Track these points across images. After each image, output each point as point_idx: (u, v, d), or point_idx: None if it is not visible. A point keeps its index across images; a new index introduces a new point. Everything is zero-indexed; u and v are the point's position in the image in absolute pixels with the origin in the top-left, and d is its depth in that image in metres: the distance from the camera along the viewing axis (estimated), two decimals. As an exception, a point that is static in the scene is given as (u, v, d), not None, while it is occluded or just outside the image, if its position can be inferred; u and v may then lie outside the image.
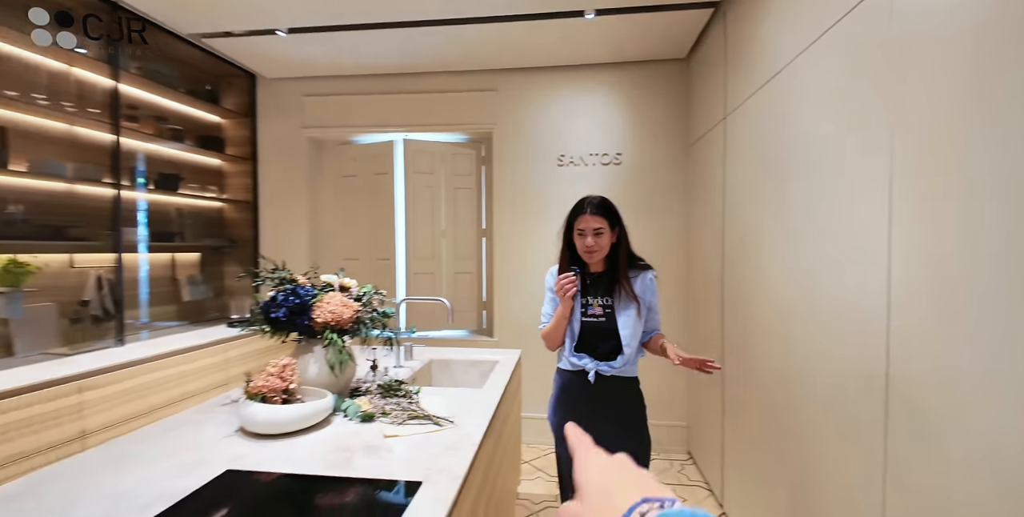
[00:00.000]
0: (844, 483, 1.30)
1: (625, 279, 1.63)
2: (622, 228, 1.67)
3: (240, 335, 2.77)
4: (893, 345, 1.11)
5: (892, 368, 1.11)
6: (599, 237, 1.61)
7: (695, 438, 2.97)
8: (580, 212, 1.63)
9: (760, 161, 1.90)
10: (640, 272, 1.68)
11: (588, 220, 1.61)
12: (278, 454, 1.21)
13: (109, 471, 1.11)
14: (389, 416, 1.45)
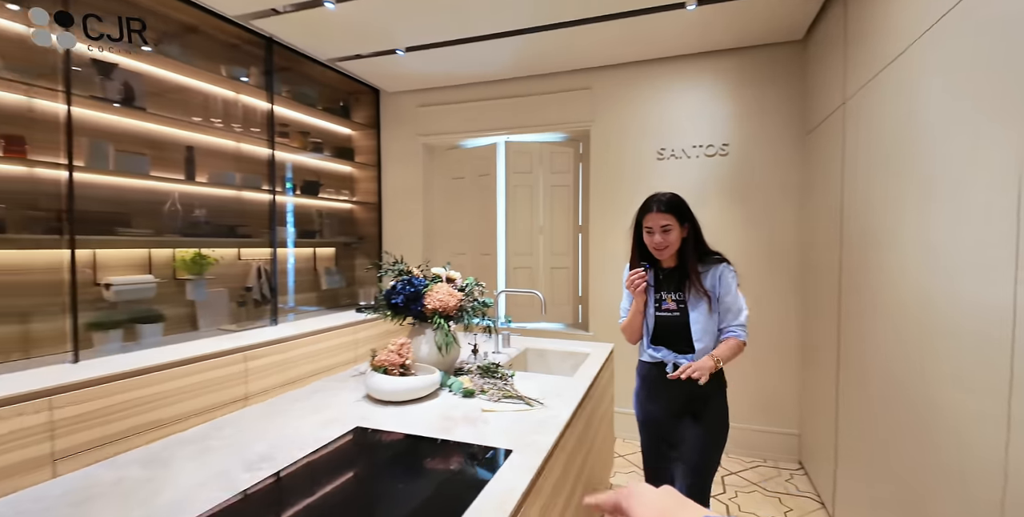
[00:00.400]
0: (964, 495, 1.22)
1: (694, 274, 1.65)
2: (692, 223, 1.68)
3: (366, 319, 3.18)
4: (1019, 357, 1.02)
5: (1018, 378, 1.03)
6: (667, 234, 1.63)
7: (807, 447, 2.83)
8: (647, 210, 1.66)
9: (881, 150, 1.77)
10: (712, 266, 1.67)
11: (655, 218, 1.64)
12: (395, 417, 1.45)
13: (269, 422, 1.42)
14: (487, 394, 1.65)
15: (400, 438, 1.32)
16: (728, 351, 1.63)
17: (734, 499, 2.54)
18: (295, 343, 2.67)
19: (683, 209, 1.66)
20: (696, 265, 1.66)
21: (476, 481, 1.07)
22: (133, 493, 1.00)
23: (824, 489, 2.46)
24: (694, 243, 1.68)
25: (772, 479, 2.78)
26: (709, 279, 1.66)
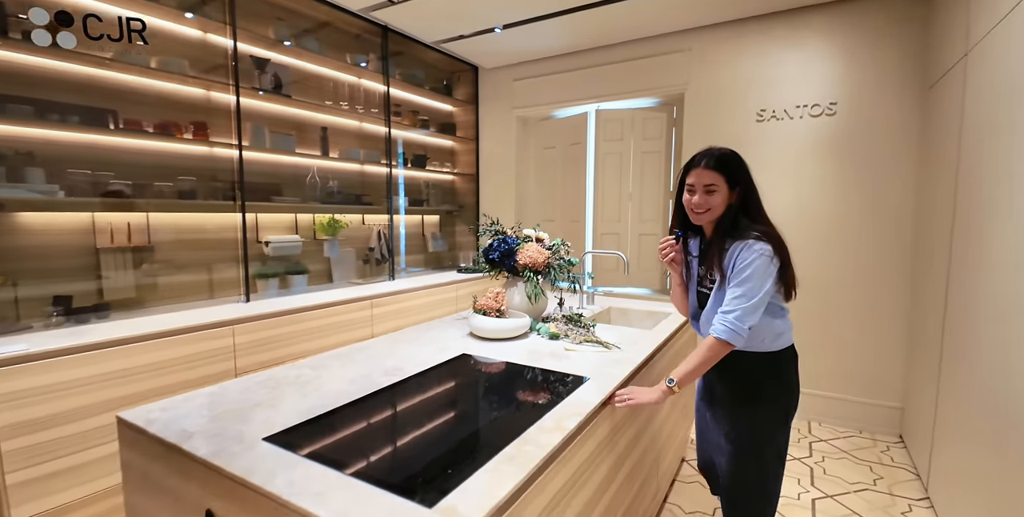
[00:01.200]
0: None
1: (717, 248, 1.41)
2: (746, 188, 1.40)
3: (466, 278, 3.57)
4: None
5: None
6: (710, 195, 1.39)
7: (909, 420, 2.77)
8: (693, 164, 1.42)
9: (1003, 105, 1.64)
10: (739, 242, 1.37)
11: (700, 174, 1.40)
12: (492, 350, 1.76)
13: (394, 347, 1.79)
14: (569, 338, 1.91)
15: (496, 363, 1.63)
16: (696, 360, 1.36)
17: (820, 463, 2.60)
18: (408, 295, 3.10)
19: (737, 169, 1.40)
20: (724, 239, 1.40)
21: (557, 396, 1.33)
22: (307, 384, 1.39)
23: (921, 463, 2.43)
24: (737, 212, 1.41)
25: (866, 449, 2.77)
26: (728, 257, 1.38)
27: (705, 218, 1.43)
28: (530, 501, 0.95)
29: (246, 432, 1.08)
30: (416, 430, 1.17)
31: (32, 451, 1.73)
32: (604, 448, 1.35)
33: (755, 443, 1.45)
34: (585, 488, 1.23)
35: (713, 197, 1.39)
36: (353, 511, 0.79)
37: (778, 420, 1.46)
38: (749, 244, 1.34)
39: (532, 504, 0.96)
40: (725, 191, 1.40)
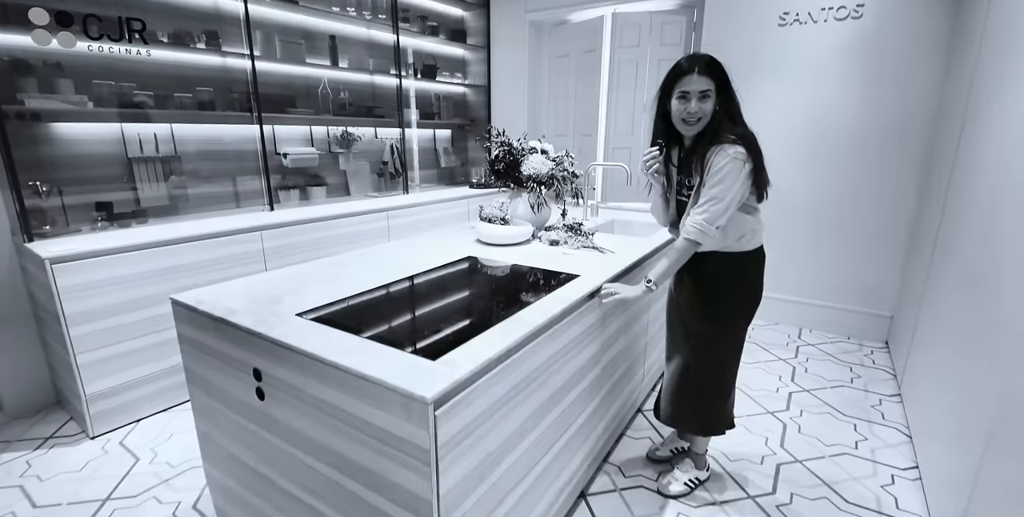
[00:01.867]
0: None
1: (698, 155, 1.43)
2: (728, 94, 1.43)
3: (478, 193, 3.69)
4: None
5: None
6: (703, 102, 1.40)
7: (895, 327, 2.94)
8: (684, 71, 1.41)
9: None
10: (715, 147, 1.40)
11: (694, 81, 1.39)
12: (496, 254, 1.92)
13: (406, 251, 1.96)
14: (569, 244, 2.06)
15: (497, 262, 1.80)
16: (668, 262, 1.46)
17: (803, 363, 2.82)
18: (422, 208, 3.25)
19: (723, 75, 1.42)
20: (707, 145, 1.42)
21: (549, 289, 1.50)
22: (329, 277, 1.59)
23: (899, 365, 2.62)
24: (722, 119, 1.42)
25: (851, 352, 2.97)
26: (706, 161, 1.42)
27: (698, 127, 1.44)
28: (521, 362, 1.15)
29: (280, 310, 1.28)
30: (424, 309, 1.36)
31: (98, 336, 2.01)
32: (592, 332, 1.55)
33: (718, 338, 1.60)
34: (573, 362, 1.44)
35: (706, 103, 1.41)
36: (372, 363, 0.99)
37: (741, 317, 1.60)
38: (724, 148, 1.38)
39: (523, 365, 1.16)
40: (715, 97, 1.41)
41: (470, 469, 1.03)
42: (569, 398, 1.46)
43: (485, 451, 1.07)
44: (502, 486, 1.17)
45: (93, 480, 1.82)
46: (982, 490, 1.28)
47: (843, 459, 1.98)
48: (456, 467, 0.98)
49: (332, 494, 1.11)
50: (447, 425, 0.93)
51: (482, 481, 1.09)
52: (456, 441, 0.97)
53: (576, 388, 1.50)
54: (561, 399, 1.41)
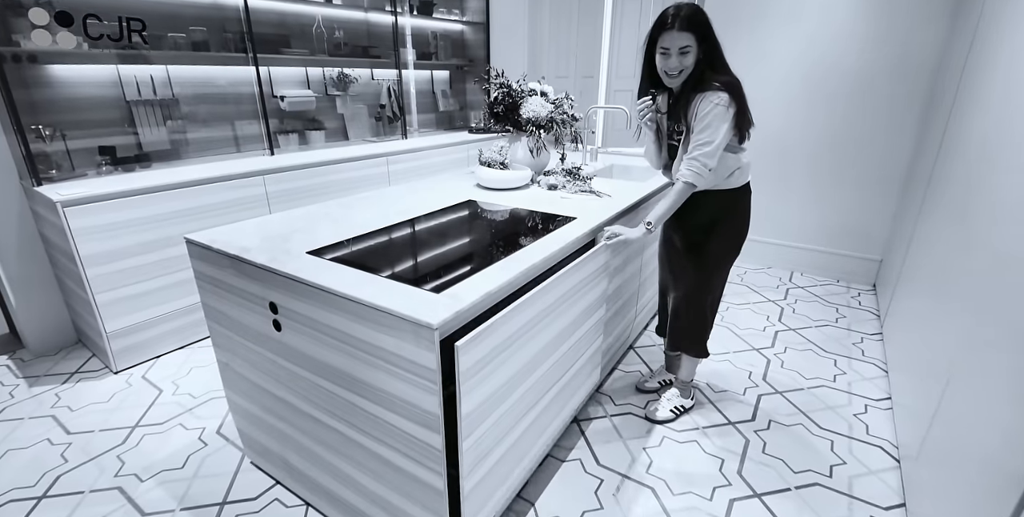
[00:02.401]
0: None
1: (684, 103, 1.50)
2: (710, 44, 1.46)
3: (478, 138, 3.66)
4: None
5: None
6: (684, 56, 1.44)
7: (883, 271, 3.01)
8: (664, 27, 1.43)
9: None
10: (700, 95, 1.47)
11: (673, 38, 1.42)
12: (495, 198, 1.97)
13: (407, 194, 2.00)
14: (567, 189, 2.10)
15: (497, 206, 1.85)
16: (666, 205, 1.54)
17: (792, 304, 2.93)
18: (421, 154, 3.25)
19: (704, 26, 1.44)
20: (691, 93, 1.49)
21: (546, 230, 1.56)
22: (337, 218, 1.64)
23: (883, 306, 2.73)
24: (705, 67, 1.47)
25: (839, 295, 3.08)
26: (691, 109, 1.49)
27: (679, 80, 1.50)
28: (532, 303, 1.21)
29: (291, 248, 1.35)
30: (427, 248, 1.43)
31: (114, 277, 2.09)
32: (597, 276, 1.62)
33: (709, 268, 1.72)
34: (580, 302, 1.52)
35: (687, 58, 1.46)
36: (382, 295, 1.07)
37: (733, 247, 1.72)
38: (707, 96, 1.46)
39: (534, 305, 1.23)
40: (696, 50, 1.45)
41: (487, 394, 1.15)
42: (576, 335, 1.56)
43: (497, 381, 1.18)
44: (514, 412, 1.30)
45: (120, 410, 1.96)
46: (940, 417, 1.41)
47: (821, 391, 2.13)
48: (476, 392, 1.10)
49: (348, 413, 1.22)
50: (466, 355, 1.03)
51: (497, 406, 1.21)
52: (477, 369, 1.08)
53: (584, 325, 1.61)
54: (569, 336, 1.51)
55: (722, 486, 1.62)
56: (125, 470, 1.66)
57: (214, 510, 1.51)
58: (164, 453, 1.74)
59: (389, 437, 1.15)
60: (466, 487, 1.14)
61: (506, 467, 1.35)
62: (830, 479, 1.65)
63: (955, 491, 1.18)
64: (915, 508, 1.46)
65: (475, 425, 1.13)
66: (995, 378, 1.08)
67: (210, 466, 1.68)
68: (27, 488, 1.58)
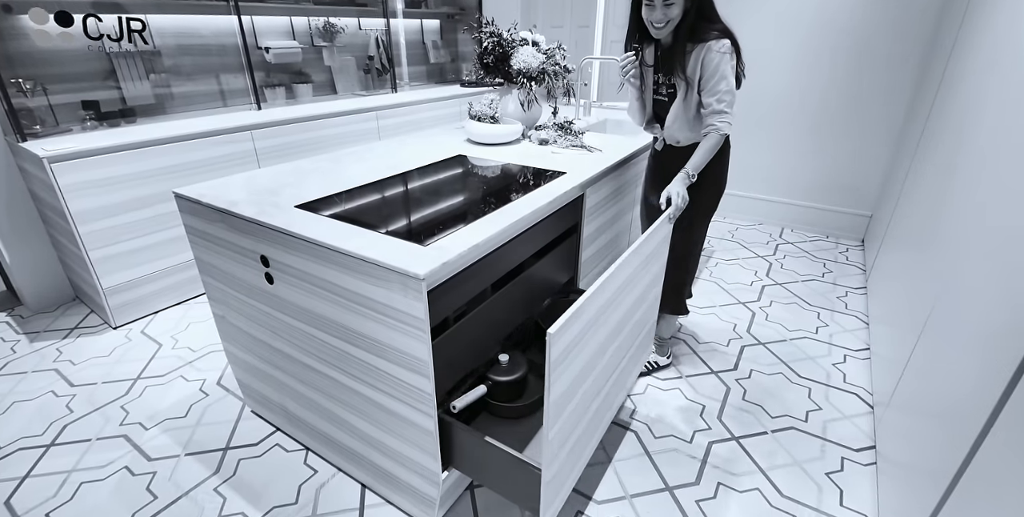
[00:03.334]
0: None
1: (679, 55, 1.47)
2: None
3: (470, 92, 3.58)
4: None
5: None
6: (669, 7, 1.41)
7: (872, 226, 3.04)
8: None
9: None
10: (700, 45, 1.44)
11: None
12: (485, 153, 1.95)
13: (398, 149, 1.98)
14: (558, 144, 2.08)
15: (486, 161, 1.84)
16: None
17: (780, 259, 2.97)
18: (412, 108, 3.18)
19: None
20: (684, 45, 1.46)
21: (536, 185, 1.56)
22: (326, 172, 1.64)
23: (870, 261, 2.77)
24: (695, 18, 1.43)
25: (827, 250, 3.12)
26: (692, 60, 1.47)
27: (665, 31, 1.46)
28: (611, 282, 1.18)
29: (279, 202, 1.35)
30: (416, 203, 1.44)
31: (106, 233, 2.09)
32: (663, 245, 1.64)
33: (688, 224, 1.71)
34: (644, 279, 1.52)
35: (672, 9, 1.42)
36: (371, 247, 1.08)
37: (710, 204, 1.72)
38: (710, 46, 1.43)
39: (613, 284, 1.14)
40: (682, 1, 1.41)
41: (568, 381, 1.03)
42: (640, 311, 1.58)
43: (577, 366, 1.07)
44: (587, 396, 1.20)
45: (122, 363, 2.01)
46: (913, 366, 1.47)
47: (803, 342, 2.20)
48: (562, 379, 0.99)
49: (342, 362, 1.26)
50: (556, 344, 0.90)
51: (576, 392, 1.10)
52: (563, 356, 0.96)
53: (645, 300, 1.63)
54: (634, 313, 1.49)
55: (702, 430, 1.70)
56: (130, 419, 1.73)
57: (218, 455, 1.58)
58: (167, 403, 1.80)
59: (382, 382, 1.20)
60: (547, 476, 1.03)
61: (577, 451, 1.22)
62: (805, 423, 1.74)
63: (921, 434, 1.26)
64: (884, 449, 1.55)
65: (559, 413, 1.01)
66: (966, 329, 1.13)
67: (212, 415, 1.75)
68: (35, 437, 1.64)
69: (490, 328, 1.38)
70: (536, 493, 1.06)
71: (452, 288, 1.12)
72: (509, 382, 1.38)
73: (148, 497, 1.44)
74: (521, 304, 1.51)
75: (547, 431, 0.98)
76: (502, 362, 1.42)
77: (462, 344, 1.25)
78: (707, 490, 1.48)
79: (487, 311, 1.32)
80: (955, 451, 0.99)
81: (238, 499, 1.44)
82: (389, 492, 1.42)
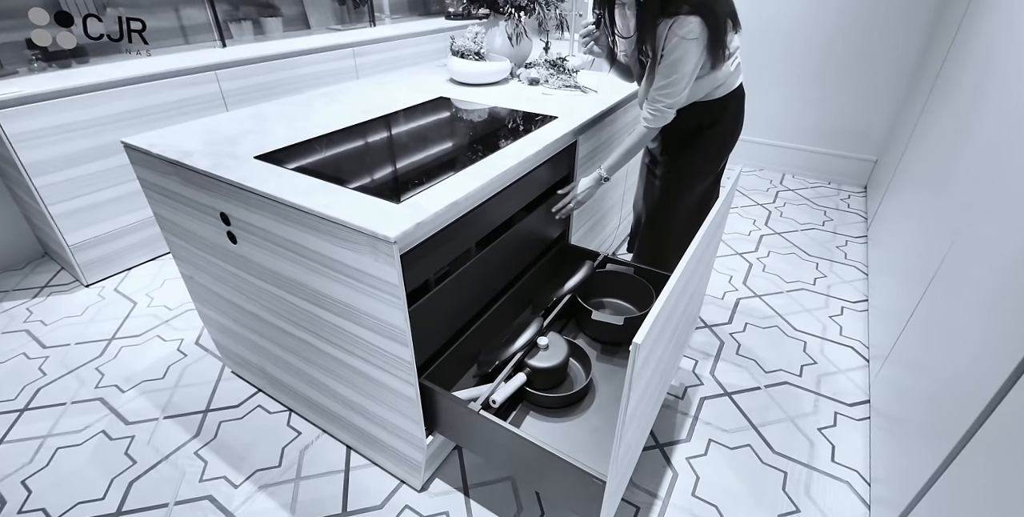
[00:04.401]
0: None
1: (649, 28, 1.26)
2: None
3: (456, 25, 3.30)
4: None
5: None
6: None
7: (877, 172, 2.91)
8: None
9: None
10: (666, 20, 1.22)
11: None
12: (470, 94, 1.79)
13: (375, 90, 1.81)
14: (549, 83, 1.91)
15: (470, 104, 1.68)
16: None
17: (780, 207, 2.87)
18: (392, 44, 2.93)
19: None
20: (656, 18, 1.24)
21: (523, 131, 1.42)
22: (293, 117, 1.48)
23: (872, 208, 2.68)
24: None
25: (828, 197, 3.01)
26: (658, 37, 1.25)
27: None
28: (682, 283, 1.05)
29: (239, 152, 1.22)
30: (390, 152, 1.31)
31: (66, 187, 1.94)
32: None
33: (679, 182, 1.57)
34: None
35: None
36: (335, 205, 0.97)
37: (708, 163, 1.55)
38: (674, 27, 1.21)
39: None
40: None
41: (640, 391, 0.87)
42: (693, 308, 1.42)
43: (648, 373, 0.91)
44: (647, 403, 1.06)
45: (95, 322, 1.94)
46: (916, 319, 1.40)
47: (799, 294, 2.14)
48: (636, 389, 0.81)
49: (316, 326, 1.18)
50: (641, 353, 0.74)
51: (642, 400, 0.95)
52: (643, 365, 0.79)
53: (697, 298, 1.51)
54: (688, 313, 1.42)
55: (694, 385, 1.67)
56: (105, 381, 1.67)
57: (198, 417, 1.54)
58: (143, 364, 1.74)
59: (358, 348, 1.13)
60: (611, 486, 0.92)
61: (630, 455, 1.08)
62: (800, 378, 1.71)
63: (921, 391, 1.21)
64: (878, 404, 1.52)
65: (629, 425, 0.86)
66: (978, 284, 1.05)
67: (191, 376, 1.69)
68: (8, 401, 1.59)
69: (476, 290, 1.30)
70: (597, 507, 0.96)
71: (430, 249, 1.02)
72: (549, 369, 1.24)
73: (127, 462, 1.41)
74: (509, 263, 1.42)
75: (617, 445, 0.83)
76: (540, 345, 1.27)
77: (444, 308, 1.17)
78: (698, 447, 1.46)
79: (471, 272, 1.22)
80: (964, 411, 0.93)
81: (220, 463, 1.40)
82: (374, 454, 1.39)
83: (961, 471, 0.91)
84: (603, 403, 1.27)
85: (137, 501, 1.31)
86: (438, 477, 1.37)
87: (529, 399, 1.25)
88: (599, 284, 1.54)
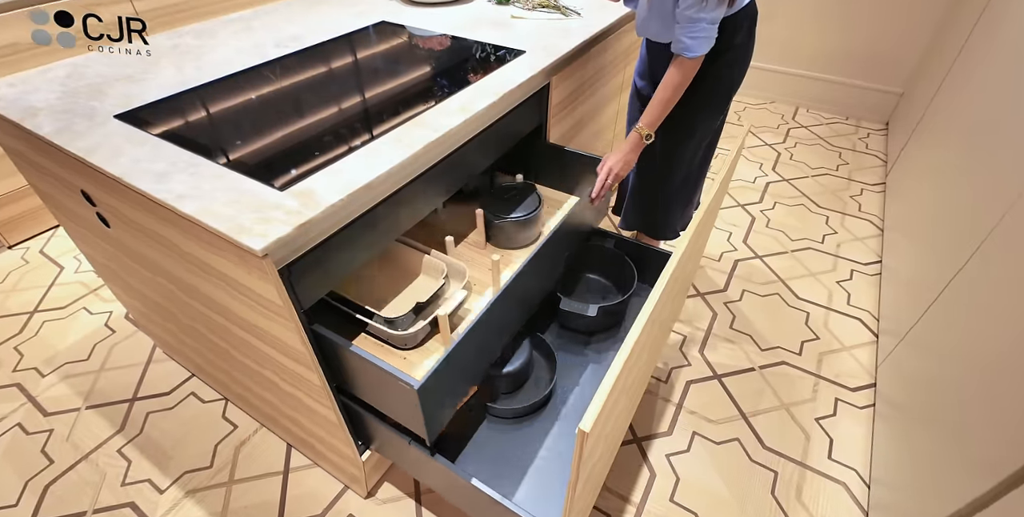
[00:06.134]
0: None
1: None
2: None
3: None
4: None
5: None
6: None
7: (902, 107, 2.55)
8: None
9: None
10: None
11: None
12: (422, 17, 1.44)
13: (307, 11, 1.45)
14: (522, 3, 1.54)
15: (417, 33, 1.35)
16: (663, 99, 1.11)
17: (790, 149, 2.56)
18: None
19: None
20: None
21: (476, 74, 1.12)
22: (185, 54, 1.17)
23: (894, 151, 2.36)
24: None
25: (845, 136, 2.68)
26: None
27: None
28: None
29: (99, 108, 0.93)
30: (292, 109, 1.01)
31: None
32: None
33: (681, 130, 1.27)
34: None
35: None
36: (191, 193, 0.71)
37: (714, 107, 1.26)
38: None
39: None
40: None
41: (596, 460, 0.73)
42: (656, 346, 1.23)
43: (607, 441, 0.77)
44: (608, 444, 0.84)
45: (17, 291, 1.73)
46: (947, 293, 1.17)
47: (805, 254, 1.91)
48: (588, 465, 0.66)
49: (220, 332, 0.97)
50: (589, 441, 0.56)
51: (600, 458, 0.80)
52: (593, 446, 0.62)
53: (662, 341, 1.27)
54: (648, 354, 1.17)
55: (680, 366, 1.50)
56: (24, 363, 1.49)
57: (123, 408, 1.38)
58: (67, 343, 1.56)
59: (268, 363, 0.92)
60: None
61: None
62: (799, 357, 1.53)
63: (938, 378, 1.02)
64: (885, 390, 1.36)
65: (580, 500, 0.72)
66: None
67: (118, 356, 1.51)
68: (-91, 389, 1.42)
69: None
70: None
71: (333, 255, 0.78)
72: (511, 373, 1.08)
73: (43, 461, 1.26)
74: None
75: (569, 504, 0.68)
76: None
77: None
78: (680, 442, 1.31)
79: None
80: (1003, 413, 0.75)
81: (144, 463, 1.26)
82: (316, 456, 1.24)
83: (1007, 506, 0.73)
84: (569, 399, 1.10)
85: (53, 508, 1.18)
86: (387, 481, 1.22)
87: (491, 413, 1.07)
88: (577, 257, 1.31)
